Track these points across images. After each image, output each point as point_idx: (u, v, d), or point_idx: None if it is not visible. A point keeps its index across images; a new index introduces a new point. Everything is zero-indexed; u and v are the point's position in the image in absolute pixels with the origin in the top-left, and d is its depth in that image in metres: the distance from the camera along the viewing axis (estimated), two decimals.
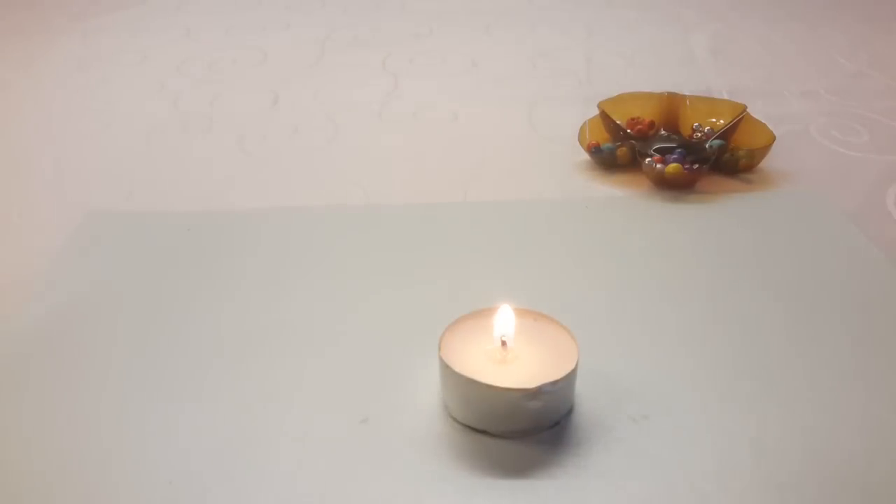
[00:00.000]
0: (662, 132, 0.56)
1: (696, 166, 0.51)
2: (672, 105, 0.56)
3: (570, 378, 0.32)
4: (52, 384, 0.36)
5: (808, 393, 0.35)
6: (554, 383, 0.32)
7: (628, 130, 0.54)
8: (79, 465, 0.32)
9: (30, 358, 0.38)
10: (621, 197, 0.51)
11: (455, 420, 0.33)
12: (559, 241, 0.46)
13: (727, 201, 0.50)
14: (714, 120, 0.54)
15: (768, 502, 0.30)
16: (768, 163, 0.54)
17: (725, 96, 0.63)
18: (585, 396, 0.34)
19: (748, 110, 0.54)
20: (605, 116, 0.56)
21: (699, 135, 0.53)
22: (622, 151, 0.54)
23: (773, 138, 0.53)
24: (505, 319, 0.34)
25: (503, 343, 0.34)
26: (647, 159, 0.52)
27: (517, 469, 0.31)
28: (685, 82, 0.65)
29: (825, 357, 0.37)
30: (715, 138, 0.53)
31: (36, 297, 0.42)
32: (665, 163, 0.51)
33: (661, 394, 0.34)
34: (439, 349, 0.33)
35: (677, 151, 0.52)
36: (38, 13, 0.89)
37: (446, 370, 0.33)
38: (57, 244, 0.47)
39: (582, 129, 0.56)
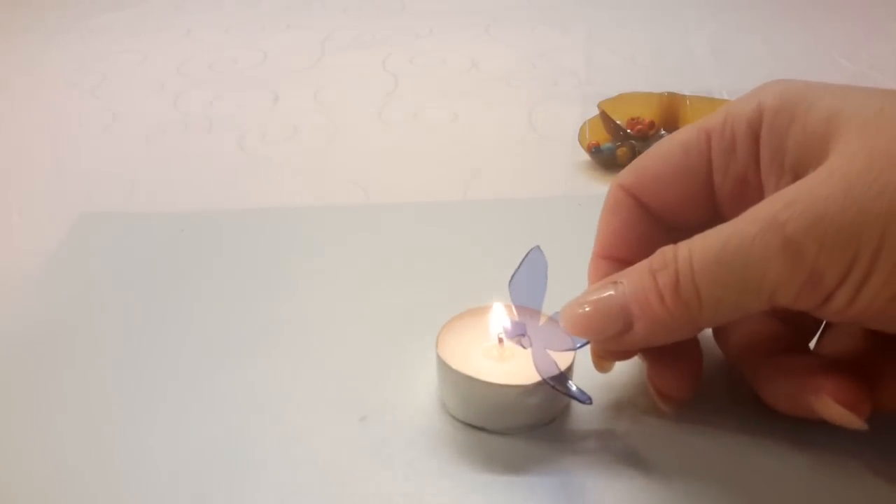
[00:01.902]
0: (662, 132, 0.56)
1: None
2: (672, 105, 0.56)
3: (567, 374, 0.32)
4: (48, 385, 0.36)
5: None
6: (551, 380, 0.32)
7: (628, 130, 0.54)
8: (76, 465, 0.32)
9: (25, 359, 0.38)
10: None
11: (453, 417, 0.34)
12: (559, 239, 0.46)
13: None
14: None
15: (767, 496, 0.30)
16: None
17: (725, 96, 0.63)
18: None
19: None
20: (605, 116, 0.56)
21: None
22: (622, 151, 0.54)
23: None
24: (502, 317, 0.34)
25: (500, 340, 0.34)
26: None
27: (515, 465, 0.31)
28: (685, 82, 0.65)
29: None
30: None
31: (30, 298, 0.42)
32: None
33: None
34: (436, 347, 0.33)
35: None
36: (38, 13, 0.89)
37: (444, 368, 0.33)
38: (56, 245, 0.47)
39: (582, 129, 0.56)
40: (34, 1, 0.92)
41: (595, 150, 0.54)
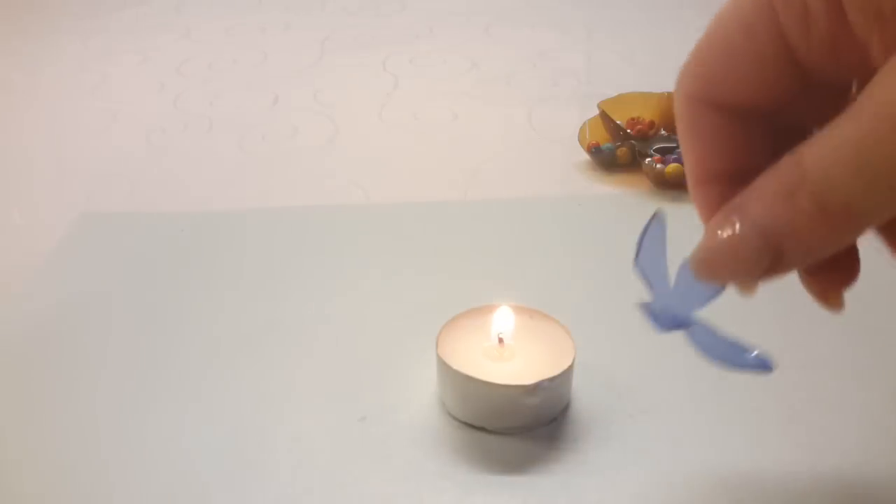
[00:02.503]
0: (662, 132, 0.56)
1: None
2: (672, 105, 0.56)
3: (567, 374, 0.33)
4: (48, 385, 0.36)
5: (805, 389, 0.35)
6: (551, 380, 0.32)
7: (628, 130, 0.54)
8: (76, 465, 0.32)
9: (26, 359, 0.38)
10: (621, 197, 0.51)
11: (453, 417, 0.34)
12: (559, 239, 0.46)
13: None
14: None
15: (765, 497, 0.30)
16: None
17: None
18: (582, 392, 0.34)
19: None
20: (605, 116, 0.56)
21: None
22: (622, 151, 0.54)
23: None
24: (502, 317, 0.34)
25: (500, 340, 0.34)
26: (647, 159, 0.52)
27: (515, 465, 0.31)
28: None
29: (822, 354, 0.37)
30: None
31: (29, 298, 0.42)
32: (665, 163, 0.51)
33: (657, 389, 0.34)
34: (436, 347, 0.33)
35: (677, 151, 0.52)
36: (38, 13, 0.89)
37: (443, 367, 0.33)
38: (56, 244, 0.47)
39: (582, 129, 0.56)
40: (34, 1, 0.92)
41: (595, 150, 0.54)
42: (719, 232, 0.26)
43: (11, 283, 0.43)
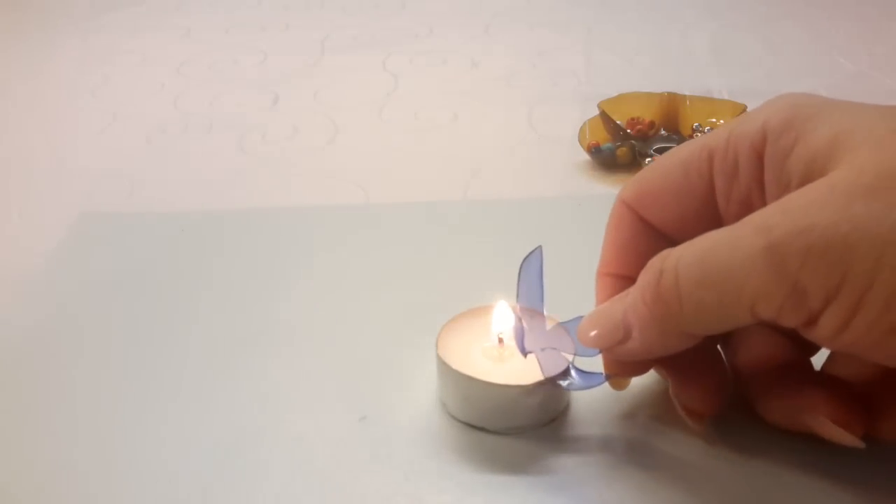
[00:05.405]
0: (662, 132, 0.56)
1: None
2: (672, 105, 0.56)
3: (568, 370, 0.32)
4: (48, 386, 0.36)
5: None
6: (551, 380, 0.32)
7: (628, 130, 0.54)
8: (77, 465, 0.32)
9: (26, 359, 0.38)
10: None
11: (453, 417, 0.34)
12: (558, 239, 0.46)
13: None
14: (714, 120, 0.54)
15: (766, 496, 0.30)
16: None
17: (725, 96, 0.63)
18: (582, 392, 0.34)
19: (748, 110, 0.54)
20: (605, 116, 0.56)
21: (699, 135, 0.53)
22: (622, 151, 0.54)
23: None
24: (502, 316, 0.34)
25: (500, 340, 0.34)
26: (647, 159, 0.52)
27: (515, 465, 0.31)
28: (685, 82, 0.65)
29: (822, 353, 0.37)
30: None
31: (30, 298, 0.42)
32: None
33: (657, 389, 0.34)
34: (436, 347, 0.33)
35: None
36: (38, 13, 0.89)
37: (443, 367, 0.33)
38: (56, 245, 0.47)
39: (582, 129, 0.56)
40: (34, 1, 0.92)
41: (595, 150, 0.54)
42: (603, 305, 0.31)
43: (11, 284, 0.43)
